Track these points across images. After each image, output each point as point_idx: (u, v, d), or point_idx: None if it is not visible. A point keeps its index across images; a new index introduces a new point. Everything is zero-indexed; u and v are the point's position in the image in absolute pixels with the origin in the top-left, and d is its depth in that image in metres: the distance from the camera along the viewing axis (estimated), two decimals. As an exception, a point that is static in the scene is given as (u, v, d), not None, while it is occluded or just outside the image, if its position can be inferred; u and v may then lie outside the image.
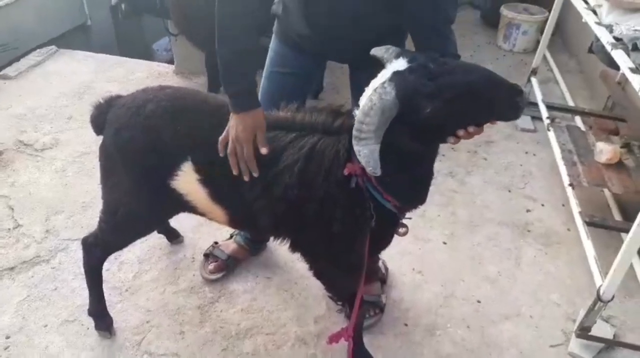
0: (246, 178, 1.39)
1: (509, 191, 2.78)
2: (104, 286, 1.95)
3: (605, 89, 3.20)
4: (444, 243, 2.42)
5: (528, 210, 2.64)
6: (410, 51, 1.20)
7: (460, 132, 1.17)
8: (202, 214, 1.59)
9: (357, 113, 1.15)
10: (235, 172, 1.39)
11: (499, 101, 1.12)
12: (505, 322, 2.05)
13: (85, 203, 2.49)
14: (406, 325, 2.02)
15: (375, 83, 1.16)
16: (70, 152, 2.91)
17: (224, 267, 2.17)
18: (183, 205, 1.55)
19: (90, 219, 2.38)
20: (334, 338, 1.63)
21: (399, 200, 1.35)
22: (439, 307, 2.10)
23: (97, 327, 1.91)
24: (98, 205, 1.77)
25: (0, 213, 2.46)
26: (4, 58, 3.93)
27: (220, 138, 1.40)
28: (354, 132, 1.14)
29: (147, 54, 5.10)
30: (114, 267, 2.20)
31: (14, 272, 2.16)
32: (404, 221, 1.49)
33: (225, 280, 2.16)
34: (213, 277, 2.15)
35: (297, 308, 2.06)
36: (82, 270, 1.87)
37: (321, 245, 1.44)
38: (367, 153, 1.12)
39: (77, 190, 2.60)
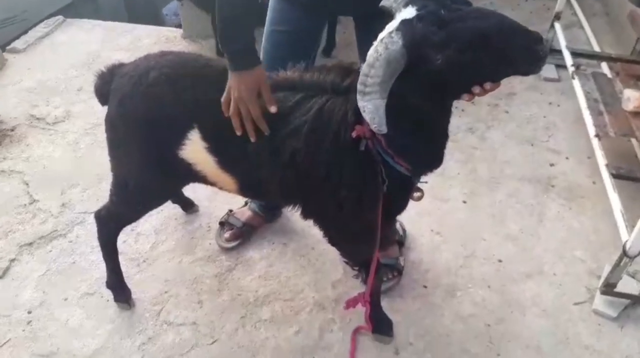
0: (253, 139, 1.34)
1: (532, 145, 2.67)
2: (122, 258, 1.96)
3: (634, 32, 3.01)
4: (464, 202, 2.36)
5: (551, 164, 2.54)
6: None
7: (476, 89, 1.07)
8: (212, 184, 1.55)
9: (363, 66, 1.07)
10: (239, 133, 1.34)
11: (517, 50, 1.00)
12: (527, 280, 2.00)
13: (99, 176, 2.48)
14: (425, 287, 1.98)
15: (382, 34, 1.08)
16: (82, 124, 2.89)
17: (239, 234, 2.15)
18: (193, 175, 1.51)
19: (105, 191, 2.32)
20: (350, 304, 1.61)
21: (412, 163, 1.28)
22: (459, 268, 2.06)
23: (116, 299, 1.93)
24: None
25: (16, 189, 2.48)
26: (13, 31, 3.89)
27: (222, 99, 1.35)
28: (358, 86, 1.07)
29: (157, 19, 5.01)
30: (130, 239, 2.20)
31: (32, 248, 2.18)
32: (420, 185, 1.43)
33: (242, 248, 2.15)
34: (229, 245, 2.14)
35: (314, 274, 2.04)
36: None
37: (332, 211, 1.39)
38: (371, 109, 1.04)
39: (90, 163, 2.60)
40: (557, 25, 3.27)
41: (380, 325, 1.78)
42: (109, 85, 1.53)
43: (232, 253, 2.13)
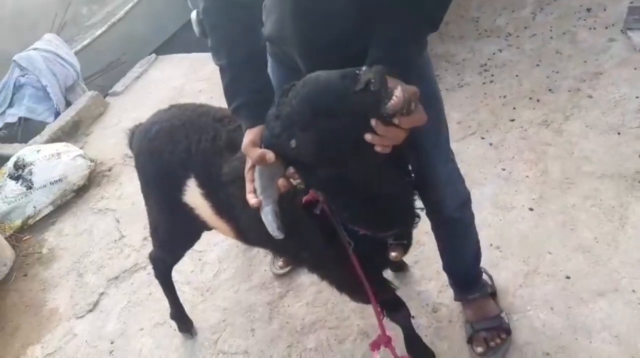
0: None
1: (618, 134, 2.32)
2: (188, 287, 2.12)
3: None
4: (530, 209, 2.13)
5: (641, 155, 2.19)
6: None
7: (370, 137, 0.91)
8: (215, 229, 1.61)
9: None
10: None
11: (344, 104, 0.88)
12: (599, 299, 1.76)
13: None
14: (478, 310, 1.85)
15: None
16: (165, 158, 3.16)
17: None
18: (198, 220, 1.59)
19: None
20: (374, 346, 1.56)
21: (366, 227, 1.19)
22: (518, 288, 1.87)
23: (180, 329, 2.09)
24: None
25: (109, 226, 2.80)
26: (116, 75, 4.36)
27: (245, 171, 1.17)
28: None
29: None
30: (197, 268, 2.37)
31: (118, 281, 2.45)
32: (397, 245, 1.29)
33: (294, 274, 2.19)
34: (281, 271, 2.19)
35: (361, 299, 2.01)
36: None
37: (313, 267, 1.37)
38: (265, 216, 1.00)
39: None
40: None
41: (419, 354, 1.71)
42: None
43: (285, 279, 2.18)
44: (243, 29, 1.12)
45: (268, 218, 1.00)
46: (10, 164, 3.05)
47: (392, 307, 1.55)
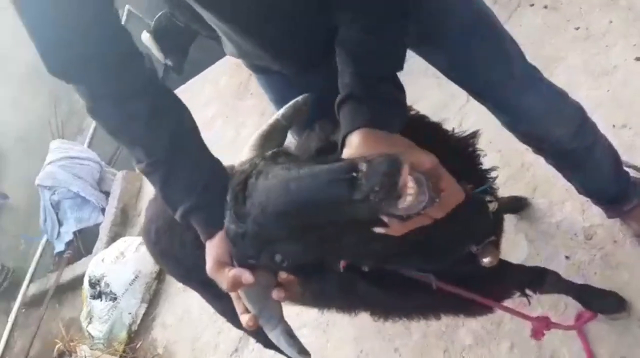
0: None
1: None
2: (306, 329, 1.97)
3: None
4: (638, 59, 1.65)
5: None
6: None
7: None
8: None
9: None
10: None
11: (329, 216, 0.62)
12: None
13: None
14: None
15: None
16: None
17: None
18: None
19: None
20: (537, 334, 1.21)
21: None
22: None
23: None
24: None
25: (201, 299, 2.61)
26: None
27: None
28: None
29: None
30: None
31: (238, 353, 2.28)
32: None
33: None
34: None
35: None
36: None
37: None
38: (281, 343, 0.74)
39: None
40: None
41: (604, 304, 1.33)
42: None
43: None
44: (151, 114, 0.78)
45: (282, 343, 0.74)
46: (85, 285, 2.95)
47: (532, 284, 1.18)
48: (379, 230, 0.64)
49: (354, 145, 0.70)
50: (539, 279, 1.20)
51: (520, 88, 1.01)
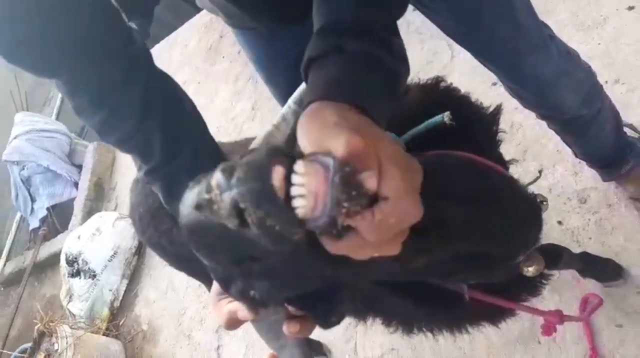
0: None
1: None
2: None
3: None
4: (630, 8, 1.56)
5: None
6: None
7: None
8: None
9: None
10: None
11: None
12: None
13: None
14: None
15: None
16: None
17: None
18: None
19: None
20: (548, 331, 1.15)
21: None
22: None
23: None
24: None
25: (185, 273, 2.54)
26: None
27: None
28: None
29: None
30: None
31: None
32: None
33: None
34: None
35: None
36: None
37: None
38: None
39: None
40: None
41: (601, 272, 1.29)
42: None
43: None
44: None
45: None
46: (62, 263, 2.85)
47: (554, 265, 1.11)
48: (331, 249, 0.43)
49: (299, 132, 0.46)
50: (555, 260, 1.13)
51: (529, 48, 0.92)
